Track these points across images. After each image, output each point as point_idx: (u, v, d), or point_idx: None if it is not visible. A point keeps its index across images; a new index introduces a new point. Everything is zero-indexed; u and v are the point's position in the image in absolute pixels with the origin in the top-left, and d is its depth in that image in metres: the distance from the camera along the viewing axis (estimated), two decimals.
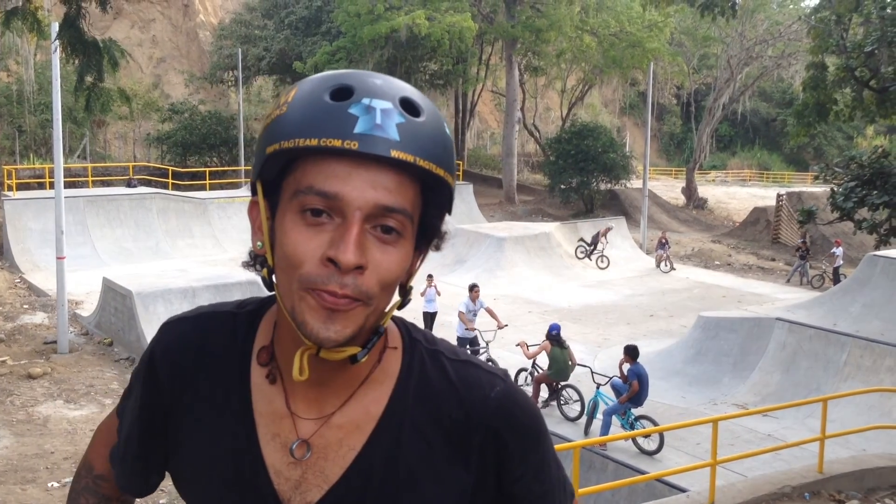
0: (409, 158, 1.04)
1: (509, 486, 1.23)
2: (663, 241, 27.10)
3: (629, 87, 56.16)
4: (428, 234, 1.17)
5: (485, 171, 48.72)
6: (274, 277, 1.12)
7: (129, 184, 30.25)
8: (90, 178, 31.17)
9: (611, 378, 12.20)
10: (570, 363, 12.68)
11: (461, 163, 42.55)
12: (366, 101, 1.04)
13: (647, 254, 29.33)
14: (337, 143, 1.02)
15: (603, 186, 38.35)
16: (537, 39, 38.61)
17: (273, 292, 1.13)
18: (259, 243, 1.13)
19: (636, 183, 39.13)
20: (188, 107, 41.35)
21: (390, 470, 1.17)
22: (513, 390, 1.24)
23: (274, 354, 1.20)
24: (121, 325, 17.22)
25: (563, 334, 13.19)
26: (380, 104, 1.04)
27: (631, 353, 11.80)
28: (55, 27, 15.38)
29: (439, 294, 17.10)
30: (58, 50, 13.94)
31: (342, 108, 1.04)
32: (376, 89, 1.06)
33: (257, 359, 1.21)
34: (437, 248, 1.22)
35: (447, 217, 1.19)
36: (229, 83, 44.25)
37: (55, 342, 17.28)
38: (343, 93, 1.05)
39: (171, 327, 1.27)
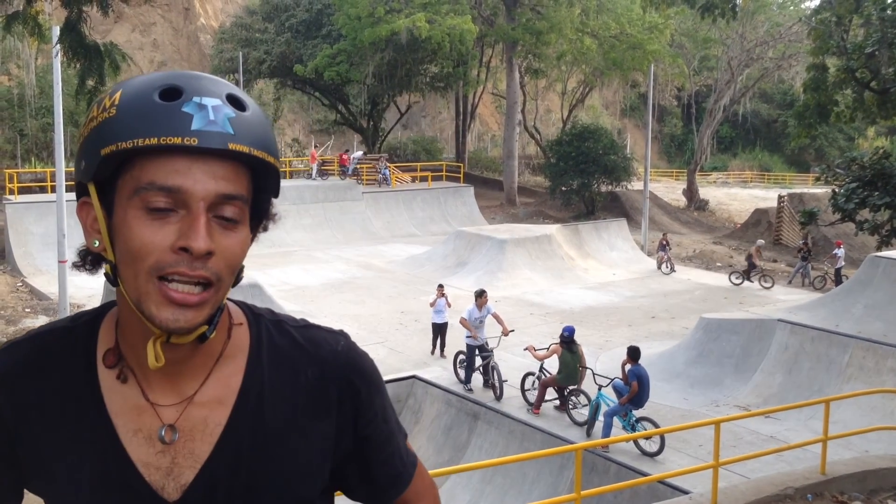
0: (245, 149, 1.13)
1: (363, 428, 1.34)
2: (664, 242, 27.09)
3: (630, 88, 56.19)
4: (259, 217, 1.26)
5: (486, 174, 48.73)
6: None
7: None
8: None
9: (612, 380, 12.20)
10: (580, 368, 12.68)
11: (462, 165, 42.57)
12: (196, 99, 1.11)
13: (649, 255, 29.31)
14: (177, 140, 1.09)
15: (604, 188, 38.35)
16: (538, 42, 38.64)
17: (115, 287, 1.18)
18: (96, 242, 1.17)
19: (637, 185, 39.13)
20: None
21: (258, 437, 1.25)
22: (354, 344, 1.37)
23: (121, 354, 1.22)
24: None
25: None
26: (210, 101, 1.12)
27: (632, 354, 11.80)
28: (56, 31, 15.42)
29: (449, 305, 16.67)
30: (59, 54, 13.96)
31: (175, 108, 1.10)
32: (203, 88, 1.14)
33: (104, 362, 1.22)
34: (266, 229, 1.32)
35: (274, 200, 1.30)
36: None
37: None
38: (173, 93, 1.12)
39: (5, 354, 1.24)
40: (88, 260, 1.21)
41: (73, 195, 20.92)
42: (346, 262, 26.84)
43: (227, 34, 44.26)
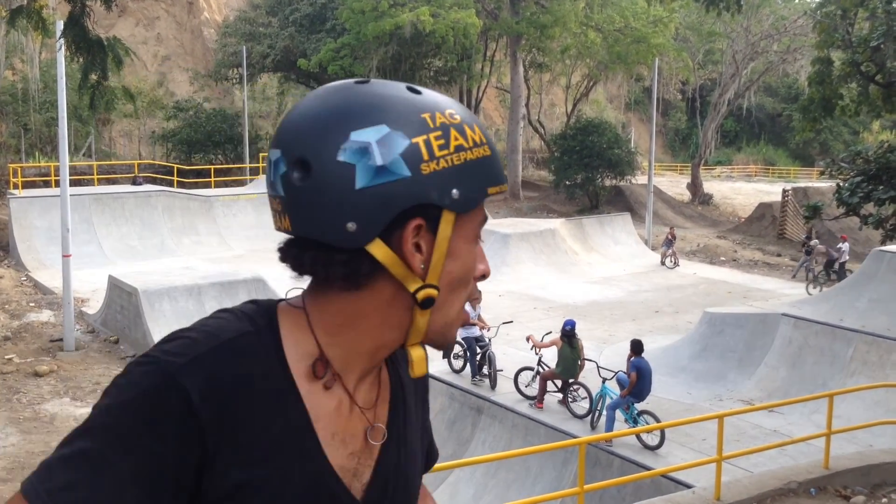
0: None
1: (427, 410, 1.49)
2: (670, 237, 27.07)
3: (634, 82, 56.01)
4: None
5: None
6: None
7: (134, 182, 30.32)
8: (95, 176, 31.25)
9: (616, 373, 12.20)
10: (579, 362, 12.68)
11: None
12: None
13: (653, 250, 29.28)
14: (505, 186, 1.24)
15: (608, 182, 38.30)
16: (542, 35, 38.54)
17: (426, 308, 1.19)
18: (422, 265, 1.18)
19: (641, 179, 39.07)
20: (193, 104, 41.40)
21: (404, 428, 1.32)
22: None
23: (328, 361, 1.21)
24: (127, 323, 17.26)
25: None
26: None
27: (635, 347, 11.81)
28: (60, 25, 15.42)
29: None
30: (63, 48, 13.96)
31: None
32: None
33: (315, 373, 1.20)
34: None
35: None
36: (234, 81, 44.30)
37: (61, 340, 17.34)
38: None
39: (195, 368, 1.11)
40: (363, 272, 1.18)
41: (76, 189, 20.94)
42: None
43: (230, 28, 44.25)
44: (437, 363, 14.57)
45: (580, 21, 38.70)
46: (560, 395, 12.89)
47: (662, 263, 26.61)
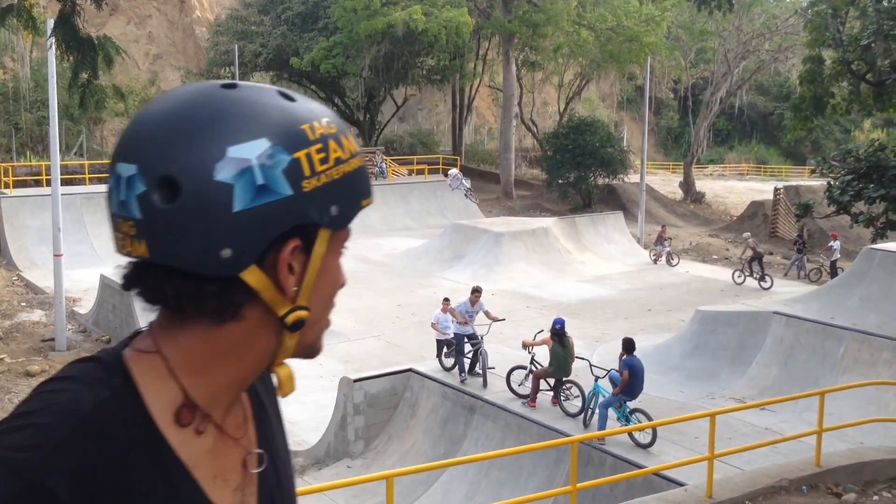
0: None
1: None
2: (663, 236, 27.14)
3: (626, 81, 56.12)
4: None
5: (482, 167, 48.70)
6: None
7: None
8: (87, 175, 31.14)
9: (609, 371, 12.22)
10: (571, 360, 12.69)
11: (458, 158, 42.54)
12: None
13: (645, 248, 29.35)
14: (371, 199, 1.18)
15: (600, 181, 38.37)
16: (534, 34, 38.58)
17: (297, 330, 1.11)
18: (295, 288, 1.08)
19: (634, 177, 39.16)
20: None
21: (275, 441, 1.26)
22: None
23: (195, 405, 1.09)
24: (119, 323, 17.22)
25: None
26: None
27: (626, 345, 11.83)
28: (51, 24, 15.36)
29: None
30: (53, 47, 13.90)
31: None
32: None
33: (179, 422, 1.07)
34: None
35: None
36: (226, 79, 44.17)
37: (53, 340, 17.28)
38: None
39: (56, 460, 0.96)
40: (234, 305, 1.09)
41: (67, 188, 20.86)
42: (343, 256, 26.82)
43: (222, 27, 44.15)
44: (429, 362, 14.59)
45: (572, 20, 38.76)
46: (552, 394, 12.90)
47: (654, 262, 26.68)
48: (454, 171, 35.59)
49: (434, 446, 12.81)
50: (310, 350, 1.14)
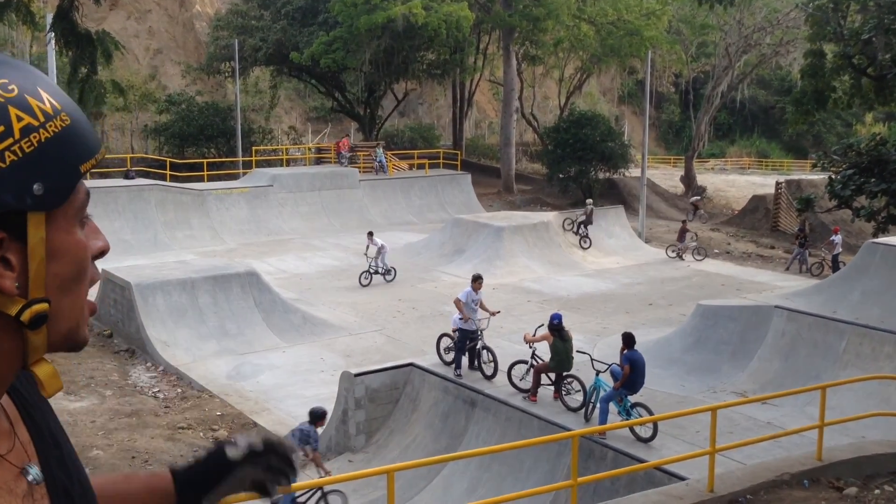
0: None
1: None
2: (686, 231, 27.07)
3: (627, 75, 56.03)
4: None
5: (483, 161, 48.66)
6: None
7: (126, 175, 30.19)
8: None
9: (610, 365, 12.21)
10: (572, 355, 12.68)
11: (459, 152, 42.50)
12: None
13: (647, 242, 29.32)
14: (103, 150, 1.06)
15: (601, 175, 38.34)
16: (535, 28, 38.51)
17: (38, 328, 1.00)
18: (17, 284, 0.98)
19: (634, 172, 39.10)
20: (185, 98, 41.25)
21: (57, 444, 1.17)
22: None
23: None
24: (120, 317, 17.22)
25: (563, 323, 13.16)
26: None
27: (626, 340, 11.84)
28: (50, 19, 15.32)
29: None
30: (52, 42, 13.87)
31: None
32: None
33: None
34: None
35: None
36: (226, 74, 44.13)
37: None
38: None
39: None
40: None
41: None
42: (343, 250, 26.82)
43: (222, 21, 44.05)
44: (430, 356, 14.59)
45: (573, 14, 38.69)
46: (553, 389, 12.90)
47: (680, 257, 26.47)
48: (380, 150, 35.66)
49: (435, 440, 12.82)
50: (71, 342, 1.04)
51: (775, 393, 11.57)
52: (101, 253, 1.07)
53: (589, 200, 28.97)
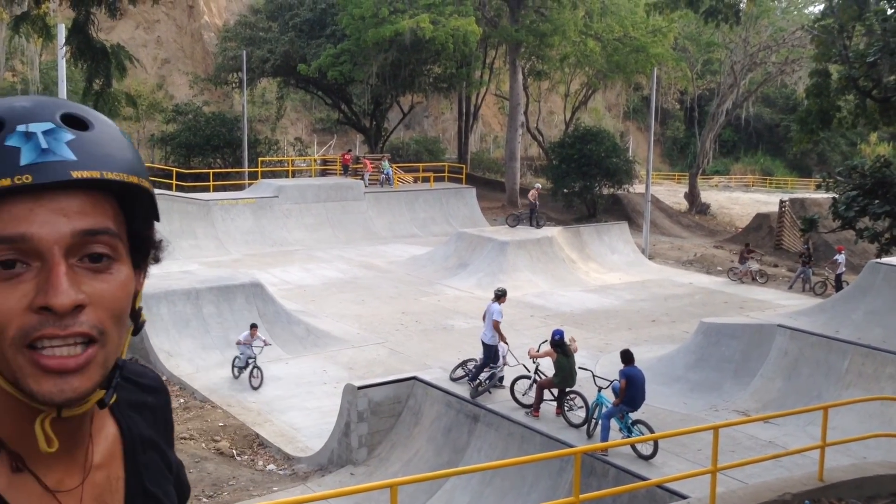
0: (95, 174, 0.96)
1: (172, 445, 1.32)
2: (746, 255, 26.60)
3: (633, 91, 56.22)
4: (142, 248, 1.08)
5: (487, 175, 48.79)
6: None
7: None
8: None
9: (612, 382, 12.25)
10: (575, 371, 12.72)
11: (464, 166, 42.64)
12: (21, 128, 0.95)
13: (650, 259, 29.36)
14: (6, 182, 0.92)
15: (606, 191, 38.41)
16: (541, 44, 38.70)
17: None
18: None
19: (639, 188, 39.19)
20: (192, 108, 41.47)
21: (149, 473, 1.19)
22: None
23: (1, 441, 1.01)
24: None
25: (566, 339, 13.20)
26: (39, 127, 0.95)
27: (624, 357, 11.90)
28: (62, 30, 15.47)
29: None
30: (66, 55, 14.01)
31: None
32: (29, 113, 0.97)
33: None
34: (157, 261, 1.12)
35: (157, 225, 1.12)
36: (233, 85, 44.39)
37: None
38: None
39: None
40: None
41: None
42: (348, 262, 26.90)
43: (230, 32, 44.34)
44: (434, 371, 14.63)
45: (579, 30, 38.87)
46: (556, 404, 12.93)
47: (741, 281, 26.02)
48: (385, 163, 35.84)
49: (437, 454, 12.84)
50: (29, 395, 0.96)
51: (777, 412, 11.59)
52: (45, 307, 0.93)
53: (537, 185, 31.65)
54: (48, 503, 1.03)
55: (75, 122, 0.98)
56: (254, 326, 16.14)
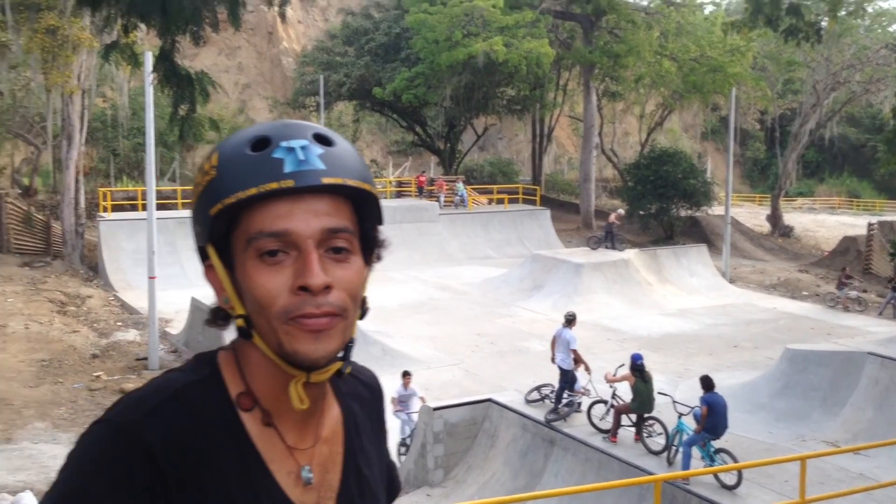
0: (339, 181, 1.17)
1: (386, 443, 1.52)
2: (844, 280, 25.74)
3: (710, 112, 55.24)
4: (369, 246, 1.28)
5: (562, 197, 48.53)
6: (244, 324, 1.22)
7: None
8: (179, 201, 32.28)
9: (693, 408, 11.97)
10: (653, 397, 12.48)
11: (538, 187, 42.53)
12: (284, 143, 1.17)
13: (731, 282, 28.67)
14: (274, 185, 1.15)
15: (683, 213, 37.76)
16: (615, 65, 38.45)
17: (248, 340, 1.21)
18: (225, 299, 1.22)
19: (718, 210, 38.39)
20: None
21: (364, 459, 1.38)
22: None
23: (255, 398, 1.23)
24: (208, 344, 17.68)
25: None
26: (297, 143, 1.17)
27: (703, 383, 11.64)
28: (149, 57, 16.09)
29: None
30: (152, 81, 14.56)
31: (266, 156, 1.17)
32: (289, 132, 1.20)
33: (240, 405, 1.22)
34: (380, 258, 1.31)
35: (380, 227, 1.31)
36: (311, 108, 45.35)
37: (146, 359, 17.90)
38: (262, 143, 1.18)
39: (155, 420, 1.17)
40: (220, 317, 1.26)
41: (161, 213, 21.61)
42: (423, 283, 27.04)
43: (308, 57, 45.39)
44: (509, 394, 14.55)
45: (654, 50, 38.46)
46: (634, 430, 12.69)
47: (846, 308, 24.99)
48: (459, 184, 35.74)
49: (514, 478, 12.73)
50: (287, 356, 1.17)
51: (869, 443, 11.13)
52: (302, 287, 1.15)
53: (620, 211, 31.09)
54: (286, 457, 1.25)
55: (323, 140, 1.21)
56: (406, 374, 14.36)
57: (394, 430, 14.39)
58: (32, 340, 19.17)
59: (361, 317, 1.26)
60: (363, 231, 1.25)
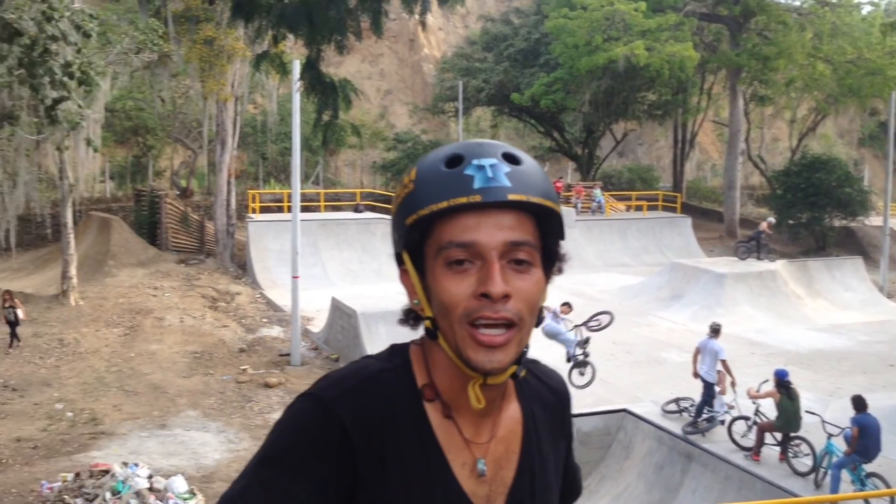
0: (523, 198, 1.25)
1: (571, 447, 1.60)
2: None
3: (868, 117, 51.97)
4: (551, 259, 1.36)
5: (704, 204, 46.91)
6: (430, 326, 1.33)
7: (356, 209, 32.17)
8: (322, 203, 33.47)
9: (844, 430, 11.29)
10: (800, 415, 11.87)
11: (679, 195, 41.33)
12: (475, 161, 1.26)
13: (889, 297, 26.85)
14: (463, 199, 1.24)
15: (837, 223, 35.68)
16: (764, 68, 36.79)
17: (434, 340, 1.32)
18: (416, 301, 1.33)
19: (876, 220, 36.02)
20: (411, 136, 43.35)
21: (540, 461, 1.45)
22: None
23: (437, 390, 1.35)
24: (346, 343, 18.27)
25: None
26: (487, 161, 1.27)
27: (855, 404, 10.99)
28: (296, 65, 16.77)
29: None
30: (299, 89, 15.16)
31: (458, 172, 1.26)
32: (481, 151, 1.29)
33: (424, 395, 1.34)
34: (560, 271, 1.40)
35: (562, 242, 1.38)
36: (450, 114, 45.94)
37: (289, 355, 18.65)
38: (455, 161, 1.28)
39: (351, 400, 1.30)
40: (411, 318, 1.38)
41: (305, 215, 22.48)
42: (558, 289, 26.77)
43: (448, 64, 46.01)
44: (646, 405, 14.20)
45: (807, 52, 36.54)
46: (779, 450, 12.10)
47: None
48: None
49: (649, 492, 12.43)
50: (466, 361, 1.27)
51: None
52: (484, 294, 1.24)
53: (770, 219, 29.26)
54: (463, 448, 1.35)
55: (511, 159, 1.29)
56: (566, 304, 15.52)
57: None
58: (186, 333, 20.38)
59: (537, 324, 1.34)
60: (545, 245, 1.32)
